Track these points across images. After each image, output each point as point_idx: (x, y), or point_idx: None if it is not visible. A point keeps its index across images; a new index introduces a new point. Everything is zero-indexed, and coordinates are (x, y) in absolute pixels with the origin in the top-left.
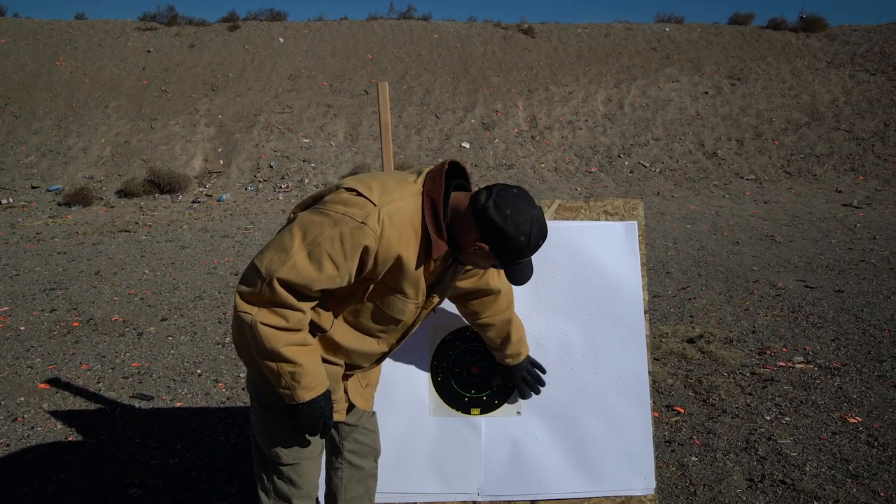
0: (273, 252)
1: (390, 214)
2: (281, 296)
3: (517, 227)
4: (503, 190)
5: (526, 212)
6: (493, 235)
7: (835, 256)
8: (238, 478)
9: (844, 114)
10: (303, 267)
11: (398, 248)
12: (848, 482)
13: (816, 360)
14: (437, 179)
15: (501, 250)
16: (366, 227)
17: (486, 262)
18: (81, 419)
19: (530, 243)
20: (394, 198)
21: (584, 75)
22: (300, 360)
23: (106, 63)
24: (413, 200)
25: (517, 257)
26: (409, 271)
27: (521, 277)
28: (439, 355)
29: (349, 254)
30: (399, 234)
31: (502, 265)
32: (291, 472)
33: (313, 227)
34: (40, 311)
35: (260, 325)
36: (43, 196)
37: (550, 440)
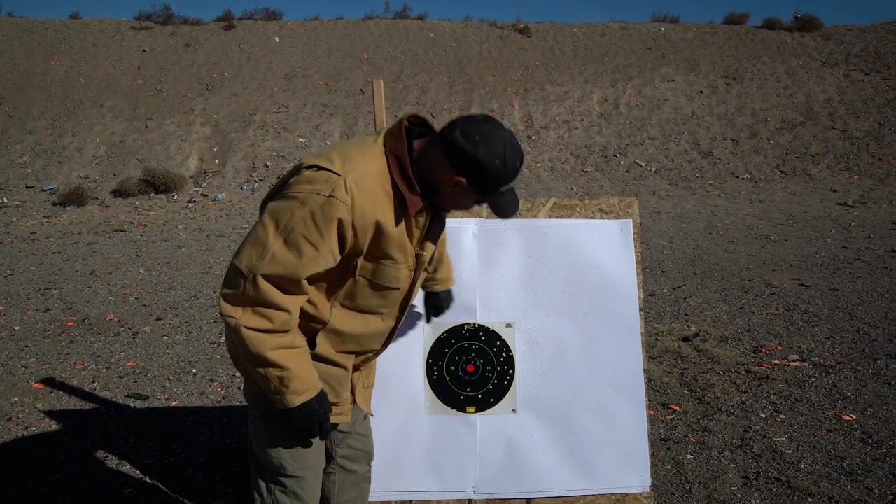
0: (250, 248)
1: (357, 181)
2: (266, 293)
3: (490, 151)
4: (468, 119)
5: (496, 135)
6: (467, 165)
7: (829, 255)
8: (234, 477)
9: (839, 113)
10: (282, 256)
11: (373, 213)
12: (842, 479)
13: (811, 358)
14: (398, 135)
15: (479, 179)
16: (335, 199)
17: (467, 199)
18: (76, 419)
19: (507, 166)
20: (357, 164)
21: (580, 75)
22: (288, 364)
23: (101, 62)
24: (377, 162)
25: (497, 184)
26: (391, 235)
27: (508, 208)
28: (434, 354)
29: (325, 231)
30: (371, 199)
31: (484, 197)
32: (296, 486)
33: (283, 213)
34: (35, 311)
35: (244, 329)
36: (37, 196)
37: (546, 438)
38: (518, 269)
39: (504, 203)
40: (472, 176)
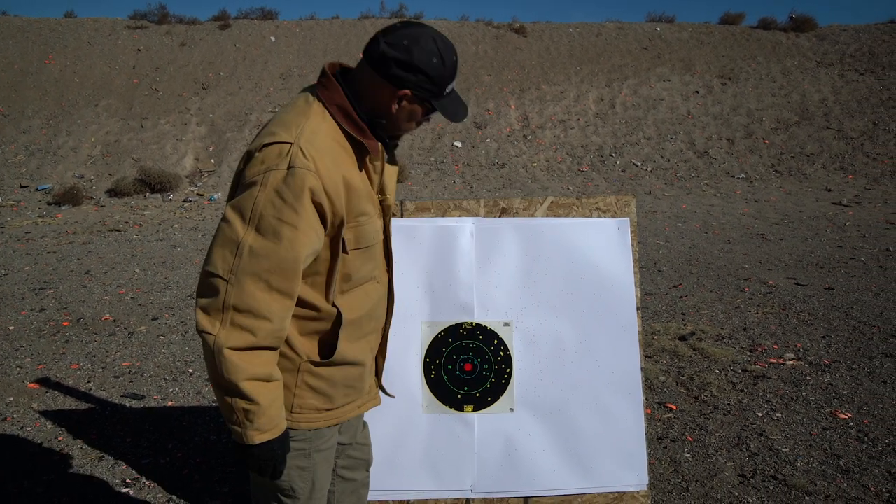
0: (220, 249)
1: (310, 141)
2: (249, 296)
3: (423, 51)
4: (388, 30)
5: (422, 34)
6: (406, 75)
7: (825, 254)
8: (230, 477)
9: (834, 113)
10: (260, 247)
11: (338, 170)
12: (839, 477)
13: (807, 357)
14: (329, 84)
15: (422, 84)
16: (296, 168)
17: (415, 113)
18: (72, 419)
19: (445, 62)
20: (302, 126)
21: (576, 75)
22: (259, 399)
23: (96, 62)
24: (321, 118)
25: (441, 85)
26: (359, 188)
27: (457, 111)
28: (432, 353)
29: (297, 205)
30: (330, 156)
31: (433, 102)
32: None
33: (245, 202)
34: (30, 311)
35: (226, 352)
36: (32, 195)
37: (543, 437)
38: (515, 268)
39: (453, 106)
40: (414, 84)
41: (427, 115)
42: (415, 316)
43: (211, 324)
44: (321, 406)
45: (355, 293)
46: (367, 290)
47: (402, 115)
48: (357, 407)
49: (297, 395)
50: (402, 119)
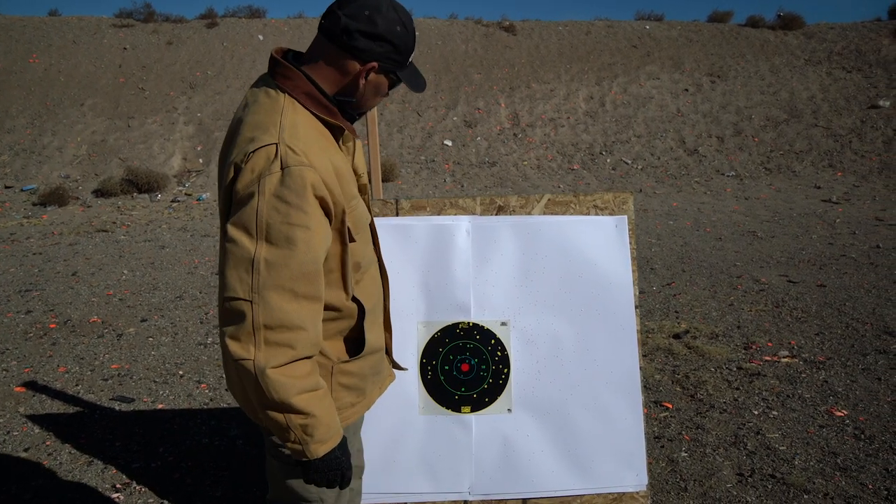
0: (234, 272)
1: (294, 135)
2: (278, 311)
3: (386, 20)
4: (342, 2)
5: (381, 3)
6: (371, 46)
7: (816, 251)
8: (222, 480)
9: (822, 111)
10: (276, 257)
11: (326, 157)
12: (836, 475)
13: (801, 354)
14: (288, 71)
15: (389, 54)
16: (290, 167)
17: (382, 88)
18: (60, 423)
19: (408, 29)
20: (279, 122)
21: (566, 73)
22: (313, 411)
23: (81, 60)
24: (293, 109)
25: (406, 53)
26: (345, 172)
27: (419, 80)
28: (428, 353)
29: (303, 203)
30: (316, 145)
31: (399, 73)
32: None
33: (248, 216)
34: (15, 313)
35: (269, 372)
36: (17, 196)
37: (542, 437)
38: (512, 267)
39: (415, 76)
40: (380, 55)
41: (391, 88)
42: (411, 316)
43: (245, 349)
44: (354, 400)
45: (365, 281)
46: (372, 274)
47: (368, 89)
48: (379, 389)
49: (334, 397)
50: (369, 94)
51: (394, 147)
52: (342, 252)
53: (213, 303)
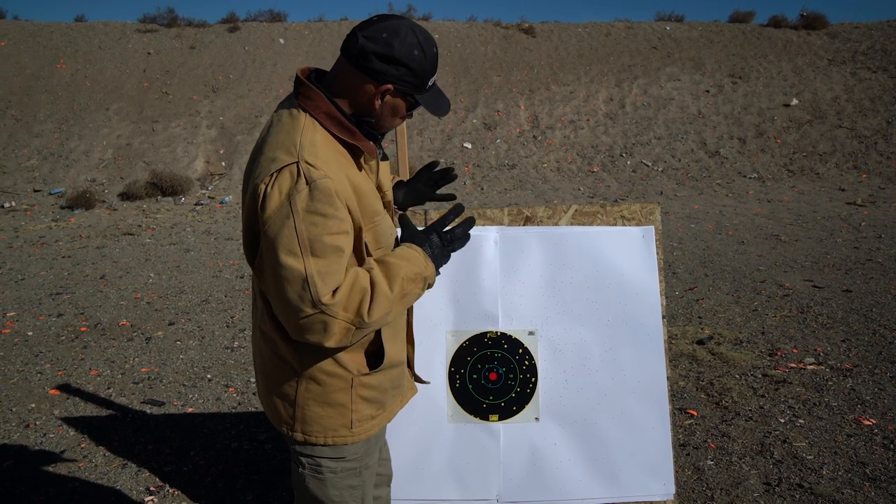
0: (292, 293)
1: (312, 153)
2: (343, 300)
3: (404, 43)
4: (364, 24)
5: (401, 26)
6: (388, 69)
7: (841, 256)
8: (253, 485)
9: (846, 112)
10: (327, 266)
11: (343, 174)
12: (866, 486)
13: (828, 362)
14: (310, 92)
15: (404, 77)
16: (315, 181)
17: (399, 110)
18: (93, 425)
19: (426, 53)
20: (298, 141)
21: (586, 74)
22: (400, 275)
23: (106, 65)
24: (313, 128)
25: (423, 77)
26: (365, 189)
27: (440, 103)
28: (457, 362)
29: (336, 211)
30: (334, 161)
31: (416, 96)
32: None
33: (285, 238)
34: (47, 316)
35: (370, 320)
36: (45, 199)
37: (569, 446)
38: (540, 277)
39: (436, 99)
40: (396, 78)
41: (410, 111)
42: (439, 325)
43: (347, 334)
44: (375, 413)
45: None
46: None
47: (385, 111)
48: (401, 402)
49: (354, 409)
50: (387, 115)
51: (413, 150)
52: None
53: (239, 307)
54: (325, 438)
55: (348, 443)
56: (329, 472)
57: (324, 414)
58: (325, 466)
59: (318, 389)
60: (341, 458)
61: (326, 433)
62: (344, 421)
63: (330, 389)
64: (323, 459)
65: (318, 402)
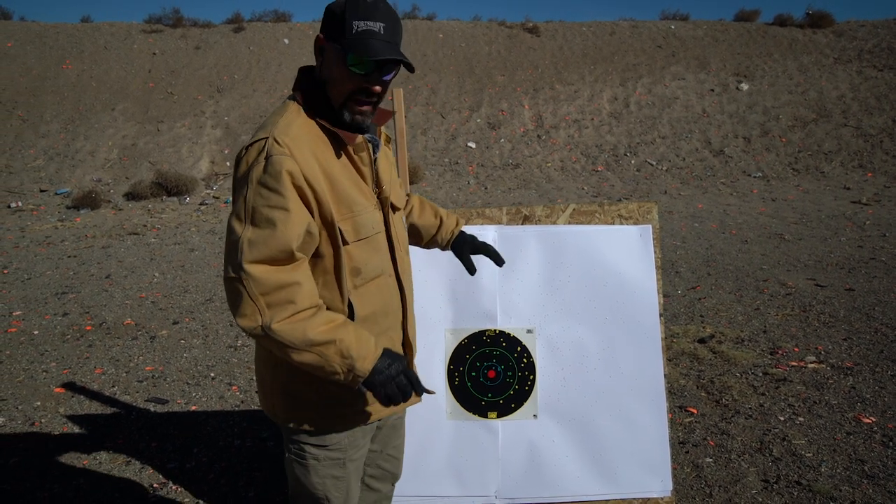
0: (227, 253)
1: (284, 131)
2: (264, 277)
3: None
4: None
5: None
6: (324, 21)
7: (845, 254)
8: (255, 482)
9: (852, 110)
10: (257, 237)
11: (314, 157)
12: (864, 483)
13: (829, 360)
14: (299, 81)
15: (328, 23)
16: (272, 156)
17: (337, 62)
18: (98, 423)
19: (365, 2)
20: (276, 122)
21: (590, 74)
22: (338, 336)
23: (112, 66)
24: (296, 113)
25: (343, 19)
26: (341, 178)
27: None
28: (456, 360)
29: (282, 189)
30: (306, 143)
31: (340, 42)
32: None
33: (238, 203)
34: (53, 316)
35: (275, 326)
36: (51, 199)
37: (567, 443)
38: (538, 275)
39: (361, 42)
40: (325, 26)
41: (350, 66)
42: (438, 323)
43: (253, 320)
44: (353, 402)
45: (368, 288)
46: (379, 285)
47: (326, 65)
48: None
49: (331, 393)
50: (331, 71)
51: (417, 149)
52: (335, 255)
53: None
54: (302, 424)
55: (327, 429)
56: (312, 459)
57: (303, 400)
58: (309, 453)
59: (299, 374)
60: (324, 447)
61: (302, 417)
62: (320, 409)
63: (309, 376)
64: (307, 446)
65: (298, 388)
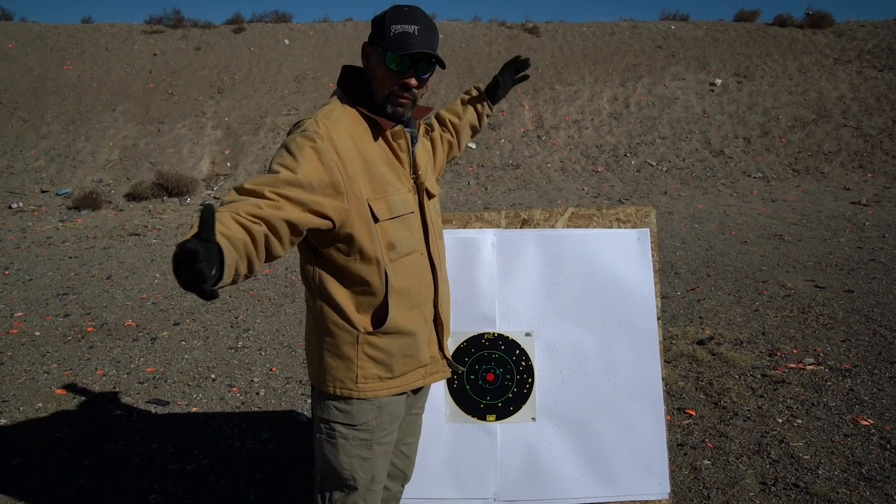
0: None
1: (326, 115)
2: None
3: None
4: None
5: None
6: (371, 31)
7: (844, 255)
8: (255, 483)
9: (852, 110)
10: (259, 176)
11: (351, 139)
12: (861, 485)
13: (827, 362)
14: (342, 76)
15: (373, 30)
16: (307, 132)
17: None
18: (99, 425)
19: (396, 9)
20: (323, 108)
21: (590, 74)
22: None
23: (113, 66)
24: (340, 104)
25: (385, 25)
26: (377, 160)
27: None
28: (455, 362)
29: (298, 156)
30: (345, 127)
31: (381, 44)
32: (361, 500)
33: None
34: (54, 317)
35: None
36: (52, 200)
37: (565, 446)
38: (536, 279)
39: (400, 41)
40: (371, 35)
41: (391, 65)
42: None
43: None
44: (382, 374)
45: (402, 263)
46: (412, 261)
47: (371, 66)
48: (422, 377)
49: (359, 366)
50: (378, 78)
51: None
52: (369, 230)
53: (243, 307)
54: (334, 388)
55: (353, 396)
56: (342, 439)
57: (335, 365)
58: (339, 432)
59: (331, 341)
60: (353, 426)
61: (335, 383)
62: (350, 374)
63: (340, 342)
64: (337, 425)
65: (331, 354)
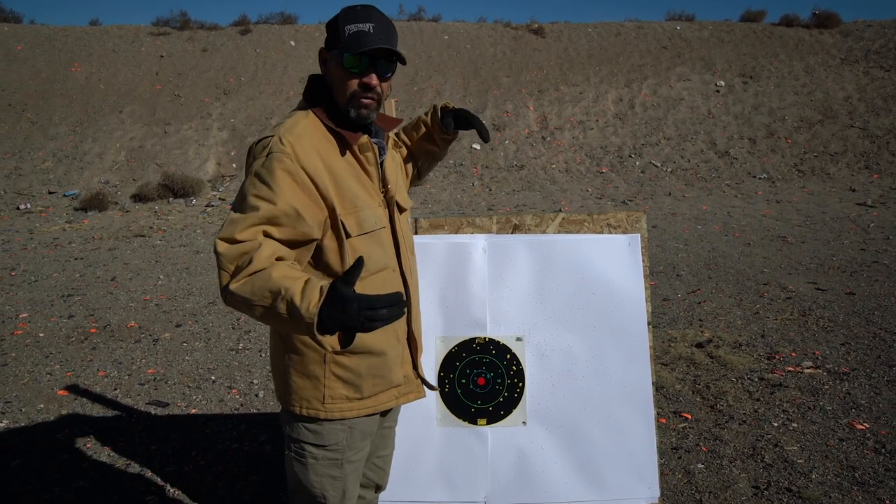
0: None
1: (289, 130)
2: (224, 256)
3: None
4: None
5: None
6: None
7: (847, 258)
8: (251, 485)
9: (858, 111)
10: (239, 217)
11: (317, 154)
12: (854, 490)
13: (825, 365)
14: (310, 89)
15: (329, 33)
16: (273, 153)
17: (337, 69)
18: (100, 426)
19: (350, 10)
20: (286, 122)
21: (595, 75)
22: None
23: (120, 68)
24: (305, 116)
25: (339, 27)
26: (346, 176)
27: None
28: (446, 367)
29: (272, 182)
30: (310, 142)
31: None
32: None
33: (238, 196)
34: (59, 318)
35: (233, 286)
36: (60, 201)
37: (556, 450)
38: (527, 284)
39: (356, 40)
40: (326, 41)
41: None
42: (429, 331)
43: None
44: (351, 395)
45: (371, 281)
46: (383, 278)
47: (334, 77)
48: (395, 397)
49: (327, 385)
50: (338, 81)
51: None
52: (339, 247)
53: None
54: (301, 408)
55: (320, 416)
56: (311, 458)
57: (301, 384)
58: (308, 452)
59: (298, 359)
60: (323, 447)
61: (302, 403)
62: (317, 394)
63: (307, 361)
64: (307, 445)
65: (298, 373)
